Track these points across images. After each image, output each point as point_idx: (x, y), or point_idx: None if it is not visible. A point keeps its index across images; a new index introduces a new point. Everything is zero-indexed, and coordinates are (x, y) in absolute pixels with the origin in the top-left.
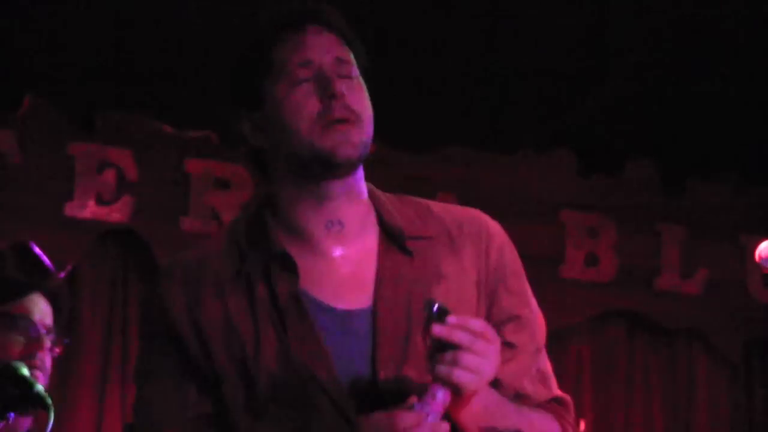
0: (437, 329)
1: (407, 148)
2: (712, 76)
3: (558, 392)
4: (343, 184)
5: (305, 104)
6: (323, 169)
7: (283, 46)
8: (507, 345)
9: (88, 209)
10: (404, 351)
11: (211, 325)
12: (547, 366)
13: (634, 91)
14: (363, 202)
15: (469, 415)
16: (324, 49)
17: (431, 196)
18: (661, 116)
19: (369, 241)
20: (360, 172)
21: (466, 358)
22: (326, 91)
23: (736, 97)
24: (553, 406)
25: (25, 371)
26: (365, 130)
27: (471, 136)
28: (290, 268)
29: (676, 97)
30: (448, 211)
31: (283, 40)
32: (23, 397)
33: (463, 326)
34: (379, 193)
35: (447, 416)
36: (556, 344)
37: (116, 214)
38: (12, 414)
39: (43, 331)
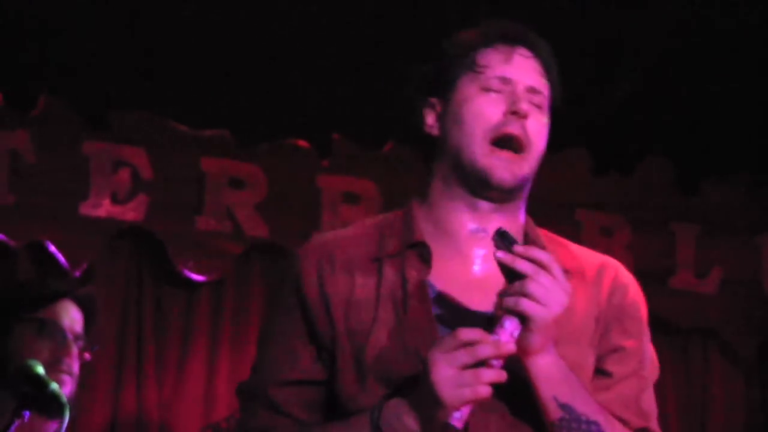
0: (500, 254)
1: (420, 149)
2: (727, 75)
3: (655, 428)
4: (497, 206)
5: (489, 110)
6: (477, 185)
7: (490, 54)
8: (605, 374)
9: (102, 208)
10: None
11: (336, 298)
12: (650, 404)
13: (648, 90)
14: (516, 223)
15: (541, 371)
16: (526, 73)
17: None
18: (676, 116)
19: None
20: (519, 201)
21: (532, 287)
22: (513, 106)
23: (751, 96)
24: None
25: (41, 370)
26: (529, 163)
27: None
28: (425, 257)
29: (691, 96)
30: (587, 253)
31: (492, 48)
32: (38, 396)
33: (528, 255)
34: (533, 224)
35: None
36: None
37: (131, 213)
38: (27, 412)
39: (71, 337)
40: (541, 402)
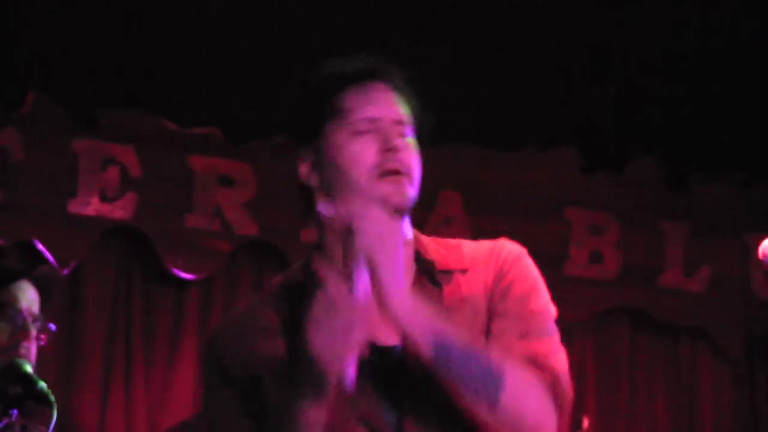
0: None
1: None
2: (716, 73)
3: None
4: None
5: (365, 154)
6: None
7: (350, 97)
8: (488, 336)
9: (91, 206)
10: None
11: (263, 367)
12: (540, 349)
13: (638, 88)
14: (407, 243)
15: (402, 310)
16: (387, 108)
17: (435, 194)
18: (665, 114)
19: (407, 278)
20: (406, 219)
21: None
22: (386, 145)
23: (740, 94)
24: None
25: (29, 369)
26: (414, 185)
27: (475, 134)
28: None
29: (680, 94)
30: (477, 247)
31: (350, 91)
32: (26, 394)
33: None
34: (419, 235)
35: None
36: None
37: (120, 211)
38: (15, 411)
39: (29, 319)
40: (413, 342)
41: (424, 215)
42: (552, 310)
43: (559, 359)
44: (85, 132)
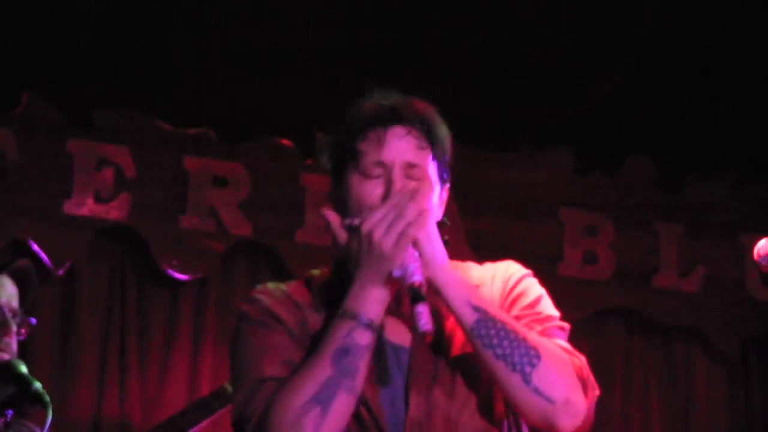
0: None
1: None
2: (710, 74)
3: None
4: None
5: (369, 196)
6: None
7: (365, 141)
8: None
9: (86, 207)
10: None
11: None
12: (563, 343)
13: (632, 89)
14: None
15: (447, 276)
16: (399, 152)
17: None
18: (659, 114)
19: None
20: None
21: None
22: (389, 191)
23: (734, 95)
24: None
25: (24, 369)
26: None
27: (469, 135)
28: None
29: (674, 95)
30: (484, 268)
31: (366, 136)
32: (21, 394)
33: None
34: None
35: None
36: None
37: (114, 211)
38: (10, 411)
39: (9, 314)
40: (455, 310)
41: None
42: (563, 323)
43: (581, 355)
44: (80, 132)
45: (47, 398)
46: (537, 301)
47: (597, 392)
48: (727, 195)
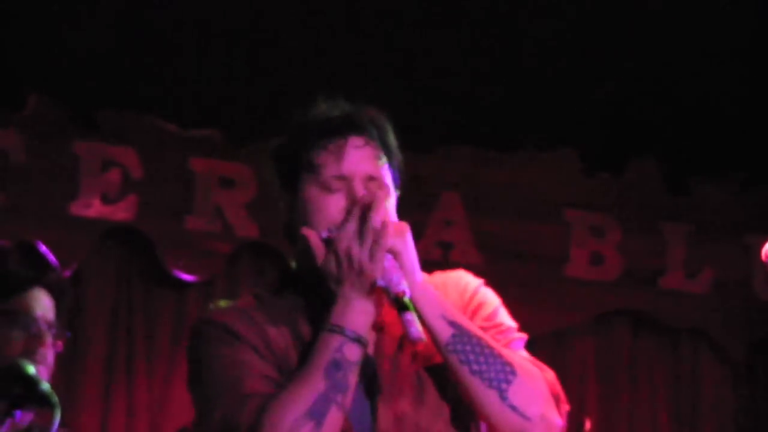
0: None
1: (411, 148)
2: (717, 74)
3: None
4: None
5: (331, 210)
6: None
7: (322, 153)
8: None
9: (93, 208)
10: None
11: (285, 344)
12: (528, 357)
13: (637, 89)
14: None
15: (423, 289)
16: (359, 163)
17: (435, 196)
18: (665, 115)
19: None
20: None
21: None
22: (352, 203)
23: (740, 95)
24: None
25: (32, 369)
26: None
27: (475, 136)
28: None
29: (680, 95)
30: (432, 277)
31: (323, 147)
32: (29, 395)
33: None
34: None
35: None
36: (560, 343)
37: (121, 212)
38: (19, 412)
39: (44, 326)
40: (430, 325)
41: (425, 216)
42: (522, 334)
43: (549, 370)
44: (87, 134)
45: (55, 399)
46: (496, 311)
47: (567, 407)
48: (733, 196)
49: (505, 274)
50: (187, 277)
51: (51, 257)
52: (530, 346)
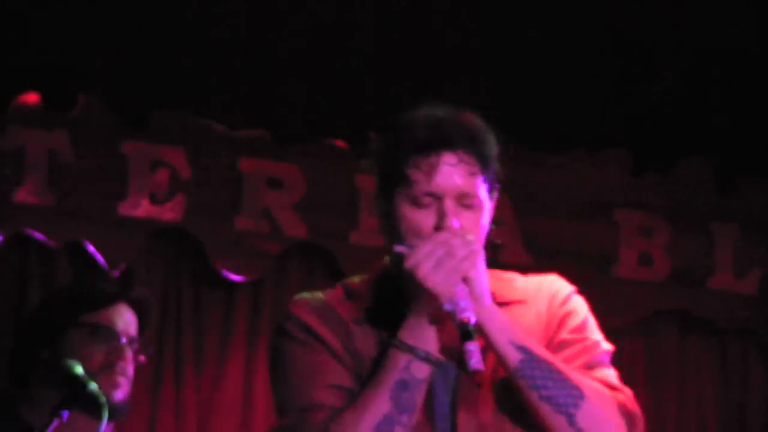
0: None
1: None
2: (765, 72)
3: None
4: None
5: (421, 227)
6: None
7: (416, 169)
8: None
9: (141, 208)
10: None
11: (358, 348)
12: (609, 377)
13: (687, 88)
14: None
15: (492, 314)
16: (452, 181)
17: None
18: (715, 114)
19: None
20: None
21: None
22: (440, 222)
23: None
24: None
25: (80, 370)
26: None
27: (524, 135)
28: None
29: (729, 94)
30: (528, 281)
31: (416, 161)
32: (77, 395)
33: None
34: None
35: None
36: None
37: (169, 213)
38: (66, 413)
39: (124, 341)
40: (499, 351)
41: None
42: (608, 345)
43: (627, 388)
44: (135, 134)
45: (103, 399)
46: (584, 323)
47: (643, 427)
48: None
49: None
50: (235, 277)
51: (99, 258)
52: None
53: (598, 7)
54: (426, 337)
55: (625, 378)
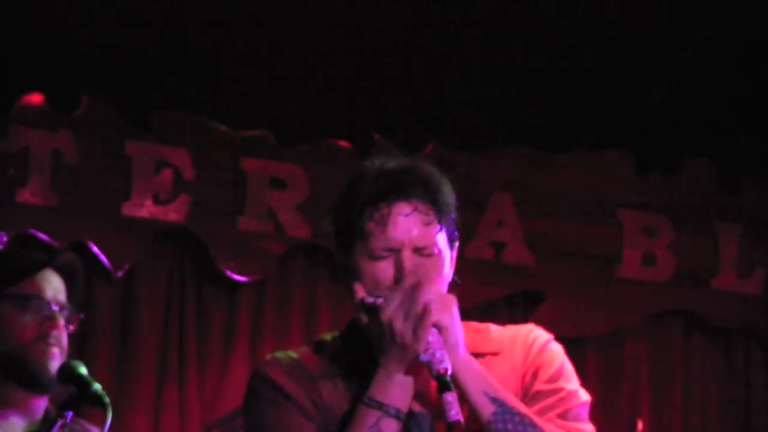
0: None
1: (465, 148)
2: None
3: None
4: None
5: (380, 280)
6: None
7: (370, 221)
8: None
9: (145, 209)
10: None
11: (329, 403)
12: (579, 429)
13: (690, 89)
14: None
15: (466, 364)
16: (406, 233)
17: (488, 196)
18: (718, 114)
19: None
20: None
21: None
22: (399, 275)
23: None
24: None
25: (84, 370)
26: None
27: (528, 136)
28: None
29: (732, 94)
30: (503, 332)
31: (369, 216)
32: (81, 396)
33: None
34: None
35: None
36: (612, 344)
37: (173, 213)
38: (70, 413)
39: (56, 308)
40: (473, 401)
41: (477, 217)
42: (585, 396)
43: None
44: (139, 135)
45: (107, 399)
46: (559, 372)
47: None
48: None
49: (557, 275)
50: (238, 277)
51: (103, 258)
52: (582, 347)
53: (601, 6)
54: (396, 394)
55: (629, 378)
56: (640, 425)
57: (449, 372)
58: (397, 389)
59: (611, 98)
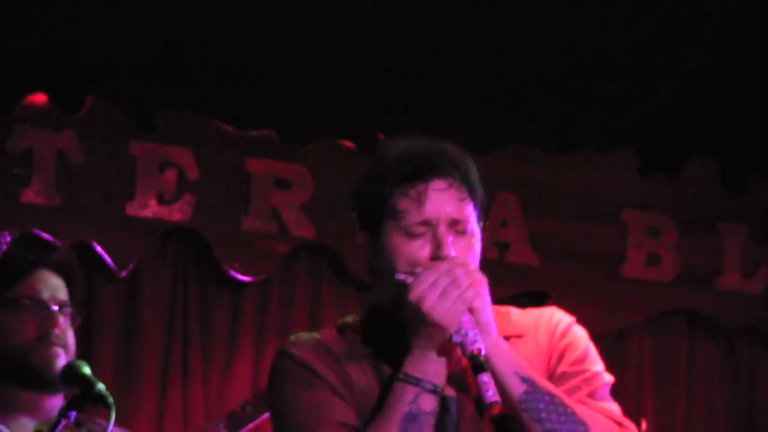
0: None
1: (469, 148)
2: None
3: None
4: None
5: (417, 257)
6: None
7: (404, 198)
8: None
9: (149, 209)
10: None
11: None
12: (613, 409)
13: (694, 89)
14: None
15: (498, 346)
16: (443, 208)
17: (492, 196)
18: (723, 115)
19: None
20: None
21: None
22: (437, 252)
23: None
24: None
25: (87, 370)
26: None
27: (532, 136)
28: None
29: (737, 94)
30: (525, 313)
31: (405, 192)
32: (85, 396)
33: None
34: None
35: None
36: (616, 344)
37: (177, 213)
38: (74, 413)
39: (55, 308)
40: (503, 380)
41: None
42: (609, 377)
43: (631, 424)
44: (143, 134)
45: (111, 399)
46: (584, 355)
47: None
48: None
49: (561, 275)
50: (243, 277)
51: (107, 258)
52: None
53: (604, 6)
54: (432, 370)
55: (633, 378)
56: (643, 425)
57: (483, 352)
58: (432, 364)
59: (615, 98)
